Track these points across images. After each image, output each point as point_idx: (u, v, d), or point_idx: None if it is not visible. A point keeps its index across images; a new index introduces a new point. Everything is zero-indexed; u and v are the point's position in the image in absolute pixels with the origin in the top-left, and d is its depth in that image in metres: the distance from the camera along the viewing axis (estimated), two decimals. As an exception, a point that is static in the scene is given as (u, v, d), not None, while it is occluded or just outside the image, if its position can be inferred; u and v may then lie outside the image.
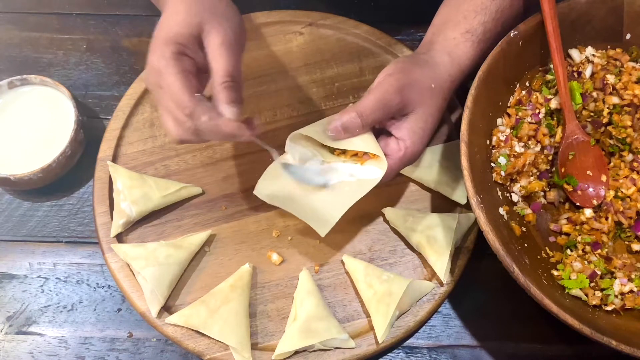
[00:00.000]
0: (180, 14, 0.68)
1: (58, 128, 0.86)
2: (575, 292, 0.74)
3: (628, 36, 0.83)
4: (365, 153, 0.74)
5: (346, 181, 0.74)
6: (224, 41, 0.67)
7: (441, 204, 0.84)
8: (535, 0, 0.77)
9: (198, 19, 0.67)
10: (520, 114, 0.82)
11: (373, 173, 0.72)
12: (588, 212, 0.79)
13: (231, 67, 0.66)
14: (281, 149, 0.87)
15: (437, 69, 0.75)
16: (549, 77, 0.84)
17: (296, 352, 0.75)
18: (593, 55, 0.84)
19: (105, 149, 0.88)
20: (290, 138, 0.74)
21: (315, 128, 0.73)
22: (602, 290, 0.74)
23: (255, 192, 0.76)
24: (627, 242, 0.79)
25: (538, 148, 0.81)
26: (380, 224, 0.83)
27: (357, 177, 0.73)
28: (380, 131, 0.75)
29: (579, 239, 0.78)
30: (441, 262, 0.77)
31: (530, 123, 0.81)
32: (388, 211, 0.83)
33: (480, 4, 0.77)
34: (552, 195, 0.81)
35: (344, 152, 0.75)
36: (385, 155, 0.72)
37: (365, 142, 0.72)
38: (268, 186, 0.76)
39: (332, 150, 0.76)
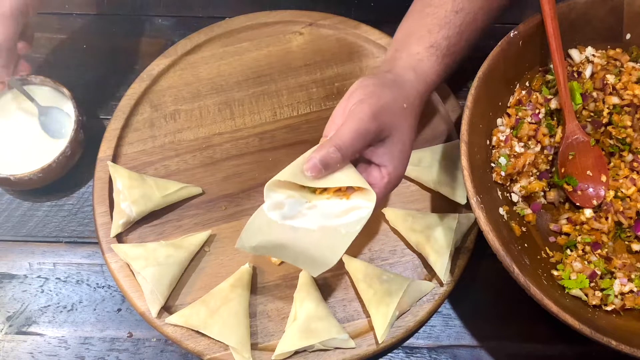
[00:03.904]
0: None
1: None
2: (575, 292, 0.74)
3: (628, 36, 0.83)
4: (348, 187, 0.68)
5: (336, 220, 0.68)
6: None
7: (441, 204, 0.84)
8: (535, 0, 0.77)
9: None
10: (520, 114, 0.82)
11: (361, 206, 0.67)
12: (588, 212, 0.79)
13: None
14: (282, 149, 0.87)
15: (405, 88, 0.72)
16: (549, 77, 0.84)
17: (296, 352, 0.75)
18: (593, 55, 0.84)
19: (105, 149, 0.88)
20: (266, 187, 0.67)
21: (291, 170, 0.67)
22: (602, 290, 0.74)
23: (237, 245, 0.68)
24: (627, 242, 0.79)
25: (538, 148, 0.81)
26: (380, 224, 0.83)
27: (345, 214, 0.68)
28: (356, 160, 0.70)
29: (579, 239, 0.78)
30: (441, 262, 0.77)
31: (530, 123, 0.81)
32: (388, 211, 0.83)
33: (443, 18, 0.75)
34: (552, 195, 0.81)
35: (325, 189, 0.69)
36: (370, 184, 0.68)
37: (347, 175, 0.66)
38: (252, 238, 0.68)
39: (313, 190, 0.69)
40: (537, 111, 0.82)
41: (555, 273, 0.76)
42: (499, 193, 0.79)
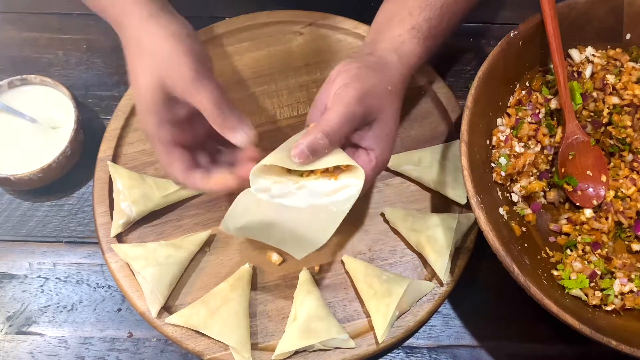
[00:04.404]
0: (139, 78, 0.67)
1: (58, 128, 0.86)
2: (575, 292, 0.74)
3: (628, 36, 0.83)
4: (336, 167, 0.68)
5: (325, 198, 0.67)
6: (194, 78, 0.65)
7: (441, 204, 0.84)
8: (535, 0, 0.77)
9: (156, 79, 0.65)
10: (520, 114, 0.82)
11: (350, 184, 0.67)
12: (588, 212, 0.79)
13: (212, 95, 0.65)
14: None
15: (389, 70, 0.72)
16: (549, 77, 0.84)
17: (296, 352, 0.75)
18: (593, 55, 0.84)
19: (105, 149, 0.88)
20: (252, 174, 0.66)
21: (278, 154, 0.66)
22: (602, 290, 0.74)
23: (221, 227, 0.68)
24: (627, 242, 0.79)
25: (538, 148, 0.81)
26: (380, 224, 0.83)
27: (335, 192, 0.68)
28: (343, 144, 0.69)
29: (579, 239, 0.78)
30: (441, 262, 0.77)
31: (530, 123, 0.81)
32: (388, 211, 0.83)
33: (424, 0, 0.75)
34: (552, 195, 0.81)
35: (313, 170, 0.68)
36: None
37: (335, 156, 0.66)
38: (238, 219, 0.68)
39: (300, 173, 0.69)
40: (537, 111, 0.82)
41: (555, 273, 0.76)
42: (499, 193, 0.80)
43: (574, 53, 0.84)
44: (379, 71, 0.70)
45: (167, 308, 0.78)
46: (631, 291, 0.74)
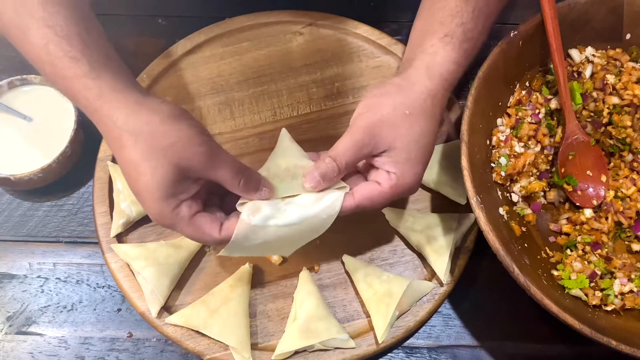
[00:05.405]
0: (144, 169, 0.62)
1: (58, 128, 0.86)
2: (575, 292, 0.74)
3: (628, 36, 0.83)
4: None
5: (313, 207, 0.68)
6: (210, 154, 0.64)
7: (441, 204, 0.84)
8: (535, 0, 0.77)
9: (168, 164, 0.62)
10: (520, 114, 0.82)
11: (333, 194, 0.68)
12: (588, 212, 0.79)
13: (231, 166, 0.65)
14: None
15: (411, 91, 0.71)
16: (549, 77, 0.84)
17: (296, 352, 0.75)
18: (593, 55, 0.84)
19: (105, 149, 0.88)
20: (238, 204, 0.67)
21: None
22: (602, 290, 0.74)
23: (221, 254, 0.68)
24: (627, 242, 0.79)
25: (538, 148, 0.81)
26: (380, 224, 0.83)
27: (320, 199, 0.68)
28: (369, 168, 0.72)
29: (579, 239, 0.78)
30: (441, 262, 0.77)
31: (530, 123, 0.81)
32: (388, 211, 0.83)
33: (454, 8, 0.75)
34: (552, 195, 0.81)
35: None
36: (377, 183, 0.69)
37: None
38: (240, 249, 0.68)
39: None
40: (537, 111, 0.82)
41: (555, 273, 0.76)
42: (499, 193, 0.80)
43: (574, 53, 0.84)
44: (397, 95, 0.71)
45: (167, 308, 0.78)
46: (631, 291, 0.74)
